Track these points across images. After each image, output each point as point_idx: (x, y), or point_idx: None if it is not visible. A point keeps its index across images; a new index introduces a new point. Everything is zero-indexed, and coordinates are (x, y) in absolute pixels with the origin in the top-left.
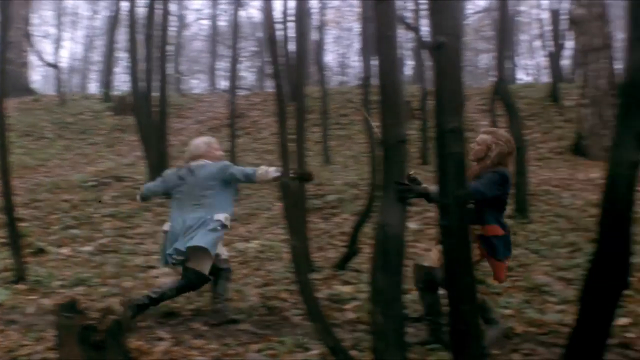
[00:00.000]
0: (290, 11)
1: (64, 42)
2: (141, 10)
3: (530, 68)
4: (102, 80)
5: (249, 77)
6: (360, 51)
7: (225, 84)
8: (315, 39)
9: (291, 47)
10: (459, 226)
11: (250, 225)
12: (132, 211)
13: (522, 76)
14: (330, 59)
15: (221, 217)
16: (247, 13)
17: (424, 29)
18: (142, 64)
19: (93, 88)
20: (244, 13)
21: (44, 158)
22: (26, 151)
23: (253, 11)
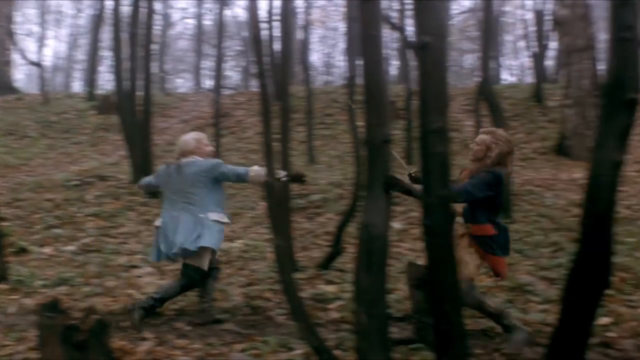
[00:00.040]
0: (276, 10)
1: (48, 41)
2: (126, 9)
3: (514, 68)
4: (86, 79)
5: (234, 77)
6: (345, 51)
7: (210, 83)
8: (301, 38)
9: (276, 47)
10: (442, 226)
11: (234, 225)
12: (115, 211)
13: (506, 76)
14: (315, 58)
15: (220, 217)
16: (233, 12)
17: (409, 28)
18: (127, 62)
19: (77, 87)
20: (229, 12)
21: (27, 157)
22: (9, 150)
23: (238, 10)
